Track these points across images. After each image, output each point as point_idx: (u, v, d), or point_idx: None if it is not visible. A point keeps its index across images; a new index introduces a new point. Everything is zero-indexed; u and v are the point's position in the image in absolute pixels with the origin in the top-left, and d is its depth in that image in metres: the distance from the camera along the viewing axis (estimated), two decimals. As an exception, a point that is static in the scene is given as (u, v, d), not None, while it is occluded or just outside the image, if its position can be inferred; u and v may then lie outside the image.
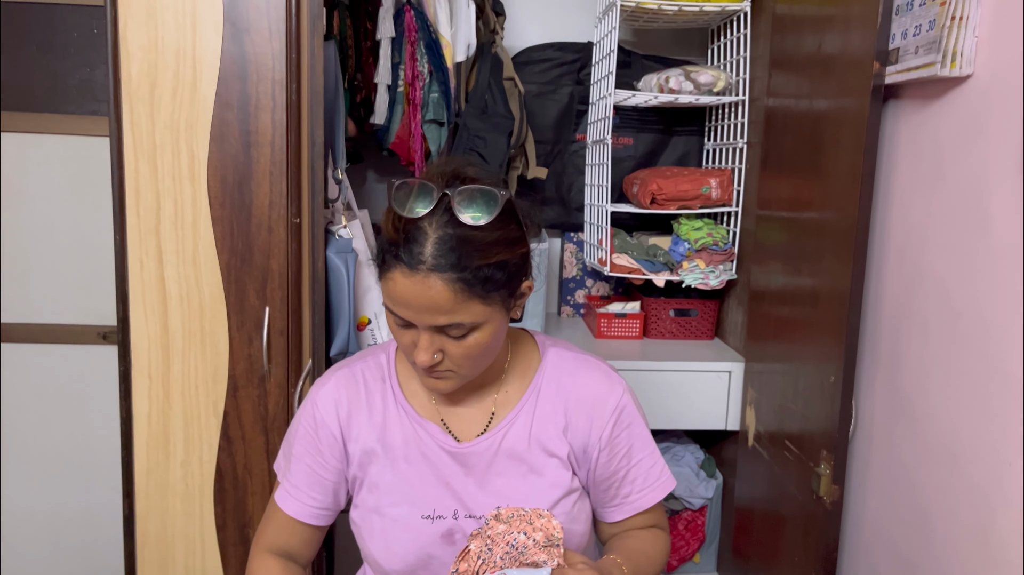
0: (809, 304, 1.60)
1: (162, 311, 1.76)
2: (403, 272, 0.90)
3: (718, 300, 2.19)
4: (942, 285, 1.30)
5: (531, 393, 1.08)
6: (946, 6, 1.22)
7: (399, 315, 0.93)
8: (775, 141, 1.83)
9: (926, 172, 1.35)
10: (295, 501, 1.09)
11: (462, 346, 0.94)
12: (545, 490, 1.06)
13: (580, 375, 1.09)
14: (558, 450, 1.07)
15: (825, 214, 1.54)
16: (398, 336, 0.97)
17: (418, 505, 1.04)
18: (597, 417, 1.07)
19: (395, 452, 1.05)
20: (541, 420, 1.07)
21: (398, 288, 0.91)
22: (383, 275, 0.93)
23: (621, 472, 1.10)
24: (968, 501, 1.22)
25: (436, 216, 0.90)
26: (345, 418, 1.07)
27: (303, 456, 1.09)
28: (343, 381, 1.09)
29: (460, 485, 1.04)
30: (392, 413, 1.07)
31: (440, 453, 1.05)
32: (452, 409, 1.08)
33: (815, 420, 1.55)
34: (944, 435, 1.28)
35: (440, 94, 1.91)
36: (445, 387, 1.00)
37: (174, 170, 1.71)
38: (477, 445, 1.05)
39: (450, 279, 0.89)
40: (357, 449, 1.07)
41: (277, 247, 1.74)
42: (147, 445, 1.81)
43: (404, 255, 0.89)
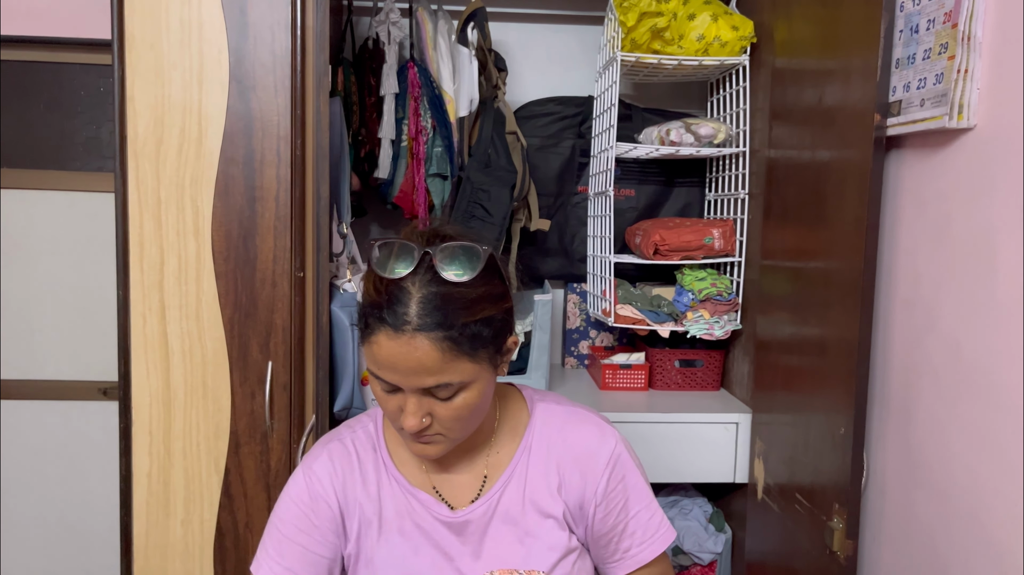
0: (816, 354, 1.59)
1: (164, 366, 1.75)
2: (388, 334, 0.87)
3: (723, 350, 2.17)
4: (951, 337, 1.29)
5: (522, 452, 1.05)
6: (952, 60, 1.24)
7: (385, 380, 0.90)
8: (777, 192, 1.84)
9: (931, 222, 1.35)
10: None
11: (450, 407, 0.92)
12: (542, 553, 1.03)
13: (571, 429, 1.06)
14: (553, 510, 1.04)
15: (831, 264, 1.54)
16: (384, 403, 0.94)
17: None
18: (590, 472, 1.05)
19: (390, 524, 1.02)
20: (534, 481, 1.05)
21: (383, 351, 0.88)
22: (366, 339, 0.90)
23: (620, 526, 1.07)
24: (988, 557, 1.19)
25: (419, 275, 0.89)
26: (342, 491, 1.03)
27: (296, 536, 1.02)
28: (336, 454, 1.05)
29: (456, 554, 1.02)
30: (384, 484, 1.04)
31: (434, 523, 1.02)
32: (443, 476, 1.05)
33: (826, 472, 1.52)
34: (960, 489, 1.26)
35: (443, 148, 1.93)
36: (434, 452, 0.97)
37: (178, 225, 1.72)
38: (472, 512, 1.03)
39: (436, 338, 0.87)
40: (355, 523, 1.03)
41: (281, 301, 1.74)
42: (147, 503, 1.78)
43: (388, 316, 0.87)
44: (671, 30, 1.92)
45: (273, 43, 1.65)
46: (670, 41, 1.94)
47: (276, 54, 1.65)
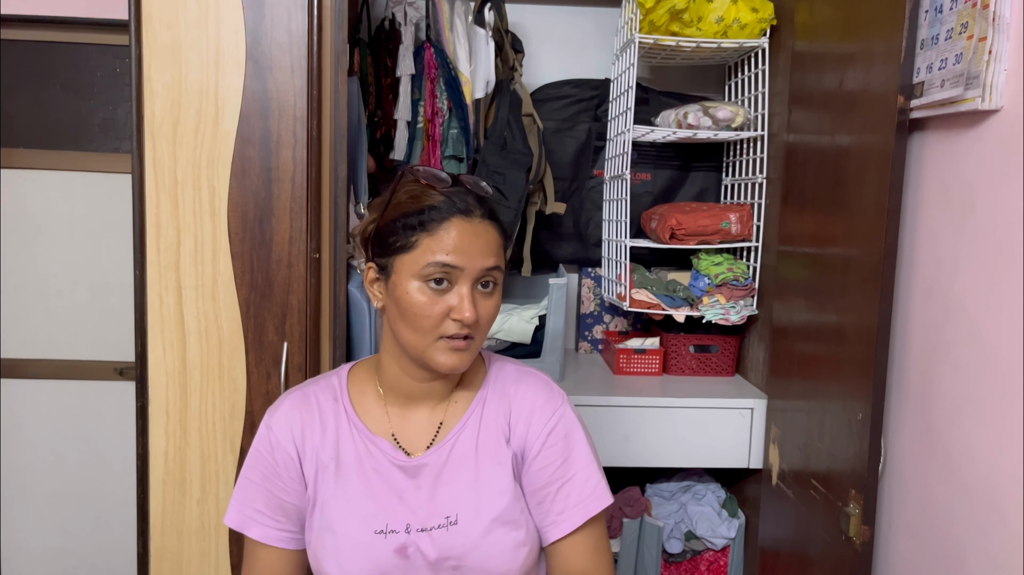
0: (834, 340, 1.58)
1: (180, 347, 1.75)
2: (461, 219, 1.00)
3: (739, 336, 2.16)
4: (973, 322, 1.28)
5: (477, 403, 1.12)
6: (984, 41, 1.21)
7: (452, 264, 0.99)
8: (796, 176, 1.82)
9: (955, 206, 1.34)
10: (260, 526, 1.10)
11: (488, 306, 1.03)
12: (493, 497, 1.08)
13: (523, 384, 1.13)
14: (503, 458, 1.10)
15: (850, 249, 1.52)
16: (429, 309, 1.00)
17: (369, 520, 1.06)
18: (535, 422, 1.11)
19: (347, 469, 1.08)
20: (487, 429, 1.11)
21: (455, 235, 0.99)
22: (429, 232, 1.00)
23: (555, 484, 1.11)
24: (1006, 544, 1.18)
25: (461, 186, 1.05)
26: (300, 438, 1.09)
27: (260, 481, 1.10)
28: (296, 403, 1.12)
29: (412, 498, 1.07)
30: (344, 430, 1.10)
31: (391, 468, 1.08)
32: (403, 423, 1.11)
33: (843, 458, 1.52)
34: (979, 475, 1.25)
35: (459, 130, 1.92)
36: (464, 360, 1.03)
37: (195, 206, 1.72)
38: (427, 457, 1.08)
39: (495, 225, 1.04)
40: (312, 468, 1.09)
41: (296, 282, 1.74)
42: (163, 482, 1.79)
43: (460, 205, 1.01)
44: (690, 12, 1.90)
45: (290, 23, 1.64)
46: (688, 23, 1.92)
47: (293, 34, 1.64)
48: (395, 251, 1.02)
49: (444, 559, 1.06)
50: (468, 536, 1.06)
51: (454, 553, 1.06)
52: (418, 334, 1.01)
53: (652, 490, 2.20)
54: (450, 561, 1.06)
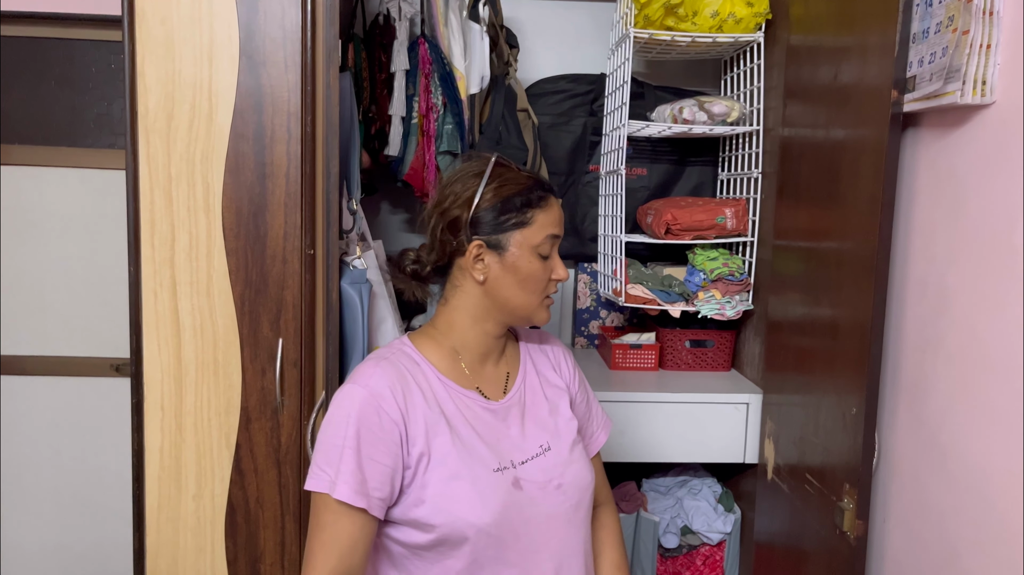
0: (829, 335, 1.58)
1: (175, 343, 1.75)
2: (552, 198, 1.18)
3: (734, 331, 2.16)
4: (967, 316, 1.28)
5: (524, 353, 1.31)
6: (967, 34, 1.21)
7: (558, 234, 1.18)
8: (791, 171, 1.82)
9: (948, 200, 1.34)
10: (362, 495, 1.07)
11: None
12: (568, 422, 1.27)
13: (545, 337, 1.37)
14: (559, 384, 1.31)
15: (844, 243, 1.52)
16: (539, 275, 1.17)
17: (488, 462, 1.15)
18: (569, 366, 1.35)
19: (454, 420, 1.16)
20: (542, 370, 1.31)
21: (556, 210, 1.18)
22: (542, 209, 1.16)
23: (587, 413, 1.37)
24: (999, 537, 1.18)
25: None
26: (403, 401, 1.13)
27: (361, 448, 1.08)
28: (387, 370, 1.15)
29: (506, 438, 1.19)
30: (439, 389, 1.18)
31: (485, 414, 1.20)
32: (480, 377, 1.23)
33: (837, 453, 1.52)
34: (972, 469, 1.25)
35: (454, 125, 1.92)
36: (549, 316, 1.24)
37: (189, 201, 1.72)
38: (509, 400, 1.23)
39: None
40: (420, 429, 1.13)
41: (291, 278, 1.74)
42: (159, 478, 1.79)
43: (547, 185, 1.19)
44: (685, 6, 1.90)
45: (283, 18, 1.64)
46: (684, 17, 1.92)
47: (286, 29, 1.64)
48: (510, 227, 1.15)
49: (548, 481, 1.19)
50: (560, 456, 1.22)
51: (555, 474, 1.20)
52: (533, 296, 1.18)
53: (648, 485, 2.21)
54: (553, 482, 1.20)
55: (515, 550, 1.16)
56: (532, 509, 1.17)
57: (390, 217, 2.35)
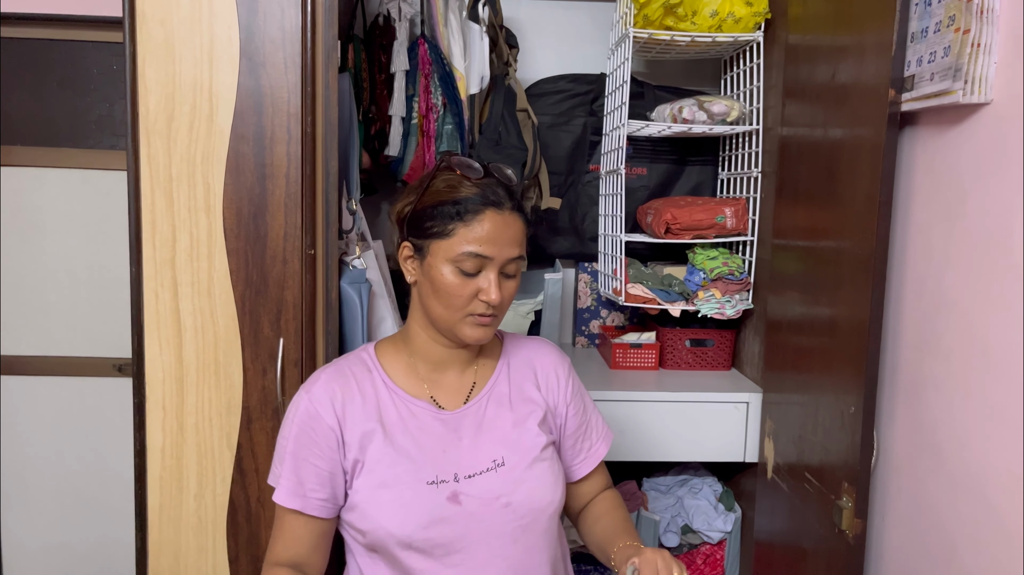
0: (827, 334, 1.58)
1: (177, 343, 1.76)
2: (494, 212, 1.10)
3: (734, 330, 2.17)
4: (965, 314, 1.28)
5: (503, 363, 1.26)
6: (968, 33, 1.22)
7: (484, 254, 1.09)
8: (790, 170, 1.83)
9: (945, 199, 1.34)
10: (297, 497, 1.14)
11: (510, 287, 1.14)
12: (533, 438, 1.21)
13: (536, 348, 1.31)
14: (537, 406, 1.25)
15: (842, 243, 1.53)
16: (459, 290, 1.11)
17: (421, 473, 1.13)
18: (560, 378, 1.29)
19: (393, 429, 1.15)
20: (517, 380, 1.26)
21: (487, 227, 1.09)
22: (467, 223, 1.09)
23: (584, 426, 1.32)
24: (997, 536, 1.18)
25: (492, 176, 1.13)
26: (340, 408, 1.16)
27: (298, 452, 1.15)
28: (332, 377, 1.19)
29: (455, 450, 1.16)
30: (384, 397, 1.18)
31: (433, 423, 1.17)
32: (437, 386, 1.21)
33: (835, 452, 1.52)
34: (971, 468, 1.25)
35: (454, 126, 1.92)
36: (488, 334, 1.15)
37: (190, 202, 1.72)
38: (467, 410, 1.20)
39: (521, 216, 1.13)
40: (355, 435, 1.15)
41: (292, 278, 1.74)
42: (160, 478, 1.80)
43: (492, 198, 1.10)
44: (684, 6, 1.90)
45: (283, 19, 1.64)
46: (683, 17, 1.92)
47: (286, 30, 1.65)
48: (431, 235, 1.12)
49: (495, 498, 1.16)
50: (513, 473, 1.18)
51: (504, 491, 1.16)
52: (449, 311, 1.13)
53: (648, 484, 2.21)
54: (501, 499, 1.16)
55: (453, 566, 1.14)
56: (472, 525, 1.15)
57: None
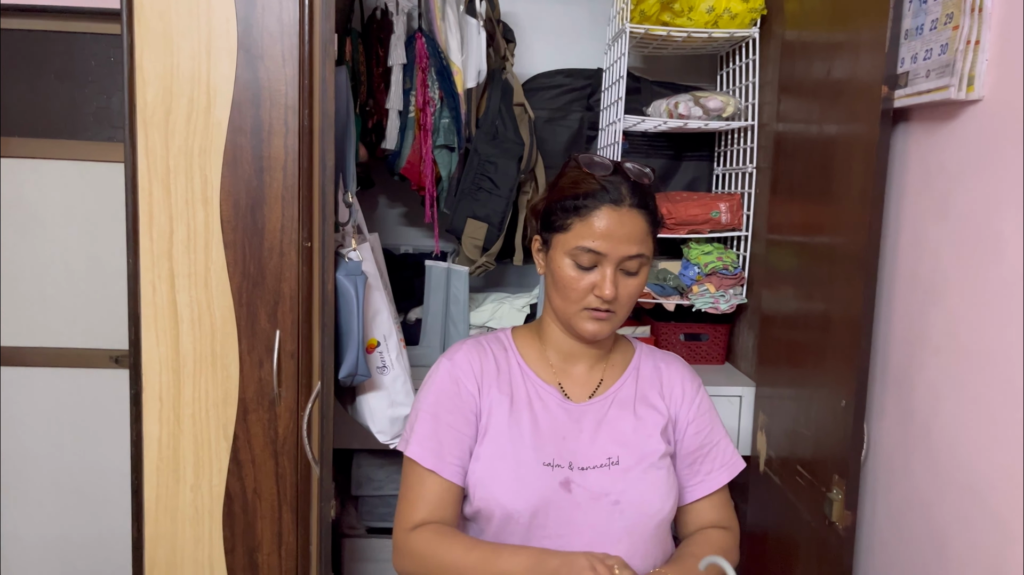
0: (820, 329, 1.60)
1: (174, 334, 1.77)
2: (610, 208, 1.11)
3: (729, 325, 2.18)
4: (954, 309, 1.29)
5: (633, 367, 1.29)
6: (959, 30, 1.23)
7: (598, 250, 1.11)
8: (785, 166, 1.84)
9: (937, 195, 1.35)
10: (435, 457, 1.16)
11: (630, 285, 1.15)
12: (653, 444, 1.23)
13: (670, 362, 1.33)
14: (659, 407, 1.27)
15: (836, 239, 1.54)
16: (576, 283, 1.13)
17: (540, 453, 1.16)
18: (687, 393, 1.30)
19: (520, 405, 1.19)
20: (644, 388, 1.28)
21: (603, 223, 1.11)
22: (581, 218, 1.12)
23: (706, 448, 1.31)
24: (986, 529, 1.20)
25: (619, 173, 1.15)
26: (479, 374, 1.21)
27: (439, 414, 1.19)
28: (473, 349, 1.24)
29: (574, 439, 1.19)
30: (516, 376, 1.22)
31: (558, 410, 1.20)
32: (567, 376, 1.24)
33: (827, 445, 1.53)
34: (960, 461, 1.27)
35: (451, 120, 1.93)
36: (605, 330, 1.16)
37: (187, 194, 1.73)
38: (591, 404, 1.23)
39: (644, 214, 1.14)
40: (488, 402, 1.19)
41: (289, 271, 1.75)
42: (157, 469, 1.81)
43: (612, 194, 1.12)
44: (680, 2, 1.91)
45: (281, 12, 1.65)
46: (680, 13, 1.93)
47: (284, 23, 1.65)
48: (554, 229, 1.16)
49: (605, 494, 1.18)
50: (629, 474, 1.20)
51: (615, 489, 1.18)
52: (566, 303, 1.16)
53: (643, 477, 2.22)
54: (610, 496, 1.18)
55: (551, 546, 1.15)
56: (578, 515, 1.17)
57: (388, 211, 2.36)
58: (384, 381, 1.69)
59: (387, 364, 1.67)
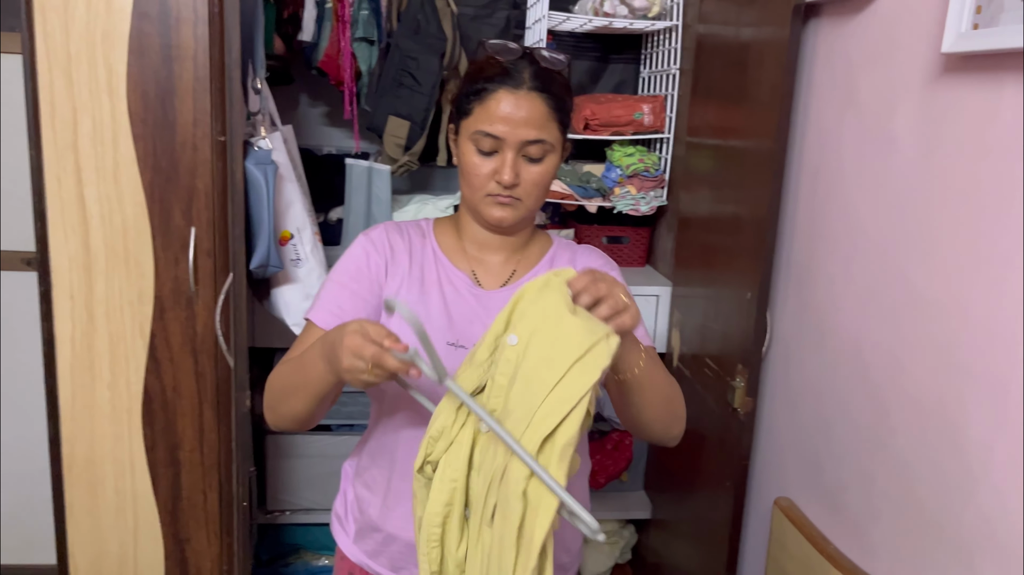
0: (732, 230, 1.64)
1: (83, 230, 1.72)
2: (508, 91, 1.09)
3: (649, 228, 2.22)
4: (849, 198, 1.34)
5: (547, 259, 1.26)
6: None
7: (494, 134, 1.09)
8: (705, 67, 1.84)
9: (841, 90, 1.38)
10: (334, 317, 1.15)
11: (533, 172, 1.12)
12: None
13: (587, 252, 1.31)
14: None
15: (748, 141, 1.57)
16: (478, 168, 1.12)
17: (444, 332, 1.16)
18: None
19: (430, 289, 1.19)
20: None
21: (500, 106, 1.09)
22: (482, 101, 1.10)
23: None
24: (866, 406, 1.27)
25: (527, 58, 1.12)
26: (390, 252, 1.20)
27: (343, 281, 1.18)
28: (392, 228, 1.25)
29: (481, 326, 1.17)
30: (429, 261, 1.22)
31: (468, 296, 1.20)
32: (480, 265, 1.23)
33: (733, 337, 1.60)
34: (848, 344, 1.33)
35: (370, 12, 1.87)
36: (510, 216, 1.14)
37: (91, 84, 1.66)
38: (502, 291, 1.21)
39: (545, 98, 1.10)
40: (396, 281, 1.19)
41: (203, 166, 1.71)
42: (71, 367, 1.78)
43: (510, 79, 1.09)
44: None
45: None
46: (605, -94, 1.89)
47: (187, -100, 1.57)
48: (460, 116, 1.14)
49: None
50: None
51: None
52: (471, 189, 1.15)
53: (565, 377, 2.28)
54: None
55: None
56: None
57: (309, 110, 2.30)
58: (298, 274, 1.68)
59: (301, 257, 1.66)
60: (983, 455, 1.02)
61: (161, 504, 1.85)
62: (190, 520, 1.86)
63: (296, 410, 1.09)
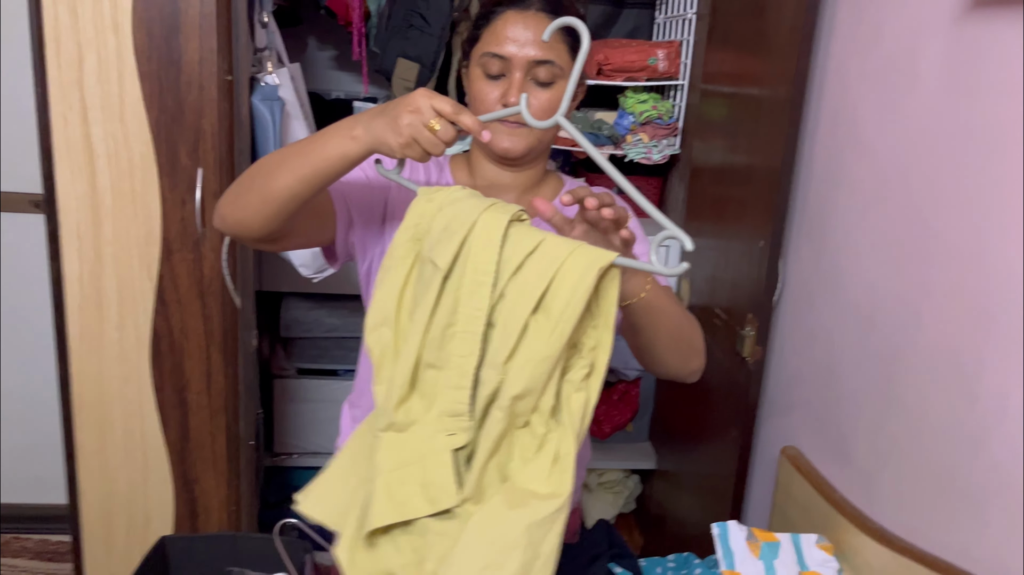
0: (745, 179, 1.61)
1: (89, 170, 1.71)
2: (515, 11, 1.08)
3: (662, 178, 2.19)
4: (869, 147, 1.31)
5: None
6: None
7: (501, 54, 1.07)
8: (722, 12, 1.80)
9: (864, 29, 1.34)
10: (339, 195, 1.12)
11: (542, 96, 1.08)
12: None
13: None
14: None
15: (765, 89, 1.53)
16: (486, 94, 1.09)
17: None
18: None
19: None
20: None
21: (506, 26, 1.07)
22: (488, 25, 1.09)
23: None
24: (876, 357, 1.26)
25: None
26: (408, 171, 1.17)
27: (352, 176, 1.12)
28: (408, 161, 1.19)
29: None
30: None
31: None
32: None
33: (744, 286, 1.58)
34: (862, 294, 1.32)
35: (380, -52, 1.83)
36: (518, 144, 1.11)
37: (96, 20, 1.63)
38: None
39: (551, 18, 1.06)
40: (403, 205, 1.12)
41: (208, 106, 1.68)
42: (80, 307, 1.78)
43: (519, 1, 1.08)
44: None
45: None
46: None
47: None
48: (471, 45, 1.12)
49: None
50: None
51: None
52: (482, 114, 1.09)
53: (573, 327, 2.27)
54: None
55: None
56: None
57: (318, 54, 2.27)
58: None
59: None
60: (998, 404, 1.01)
61: (170, 445, 1.86)
62: (198, 461, 1.87)
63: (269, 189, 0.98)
